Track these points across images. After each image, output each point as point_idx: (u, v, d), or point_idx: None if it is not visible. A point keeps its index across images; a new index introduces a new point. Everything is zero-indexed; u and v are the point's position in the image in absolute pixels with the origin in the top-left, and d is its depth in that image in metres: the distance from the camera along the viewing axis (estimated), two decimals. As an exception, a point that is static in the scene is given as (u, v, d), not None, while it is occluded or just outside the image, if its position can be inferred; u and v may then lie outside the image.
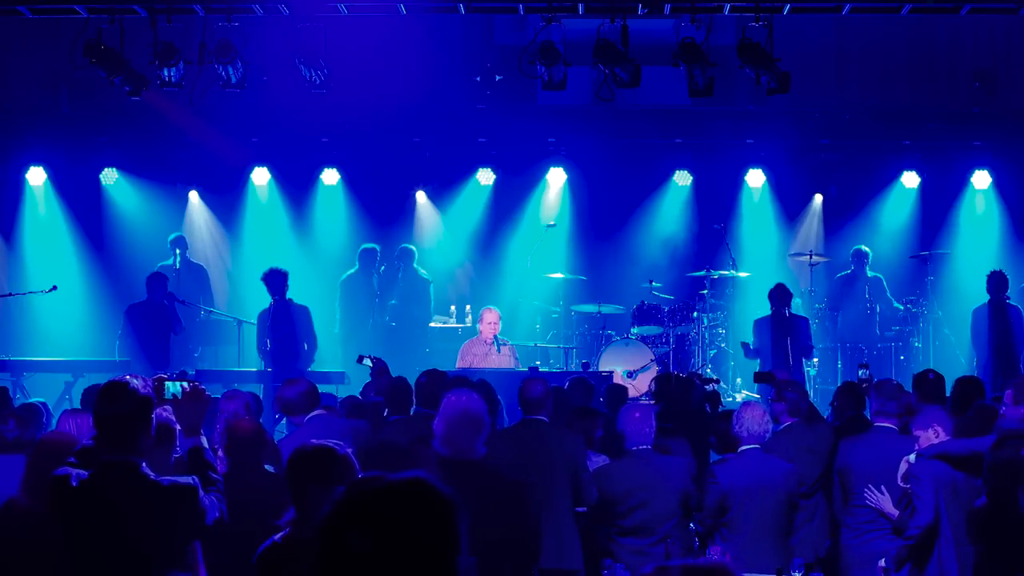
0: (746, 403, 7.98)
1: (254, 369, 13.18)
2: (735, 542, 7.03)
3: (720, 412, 8.86)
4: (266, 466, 6.48)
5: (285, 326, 12.46)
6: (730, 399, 12.95)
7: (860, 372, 9.80)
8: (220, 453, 6.37)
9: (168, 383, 5.10)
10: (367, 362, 10.14)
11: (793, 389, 8.41)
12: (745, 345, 13.16)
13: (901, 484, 7.24)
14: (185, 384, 5.13)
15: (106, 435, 4.77)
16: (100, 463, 4.75)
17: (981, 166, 15.26)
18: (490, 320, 13.06)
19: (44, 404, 9.03)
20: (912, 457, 7.19)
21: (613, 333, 13.85)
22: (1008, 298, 13.09)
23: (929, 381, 8.49)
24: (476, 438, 6.09)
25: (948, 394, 8.59)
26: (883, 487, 7.41)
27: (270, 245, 15.45)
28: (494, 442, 6.49)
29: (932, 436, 7.16)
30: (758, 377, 10.66)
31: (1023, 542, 6.48)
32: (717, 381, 10.74)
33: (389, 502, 2.49)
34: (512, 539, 6.03)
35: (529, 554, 6.24)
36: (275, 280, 12.45)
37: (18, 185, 15.44)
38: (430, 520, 2.49)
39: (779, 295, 12.83)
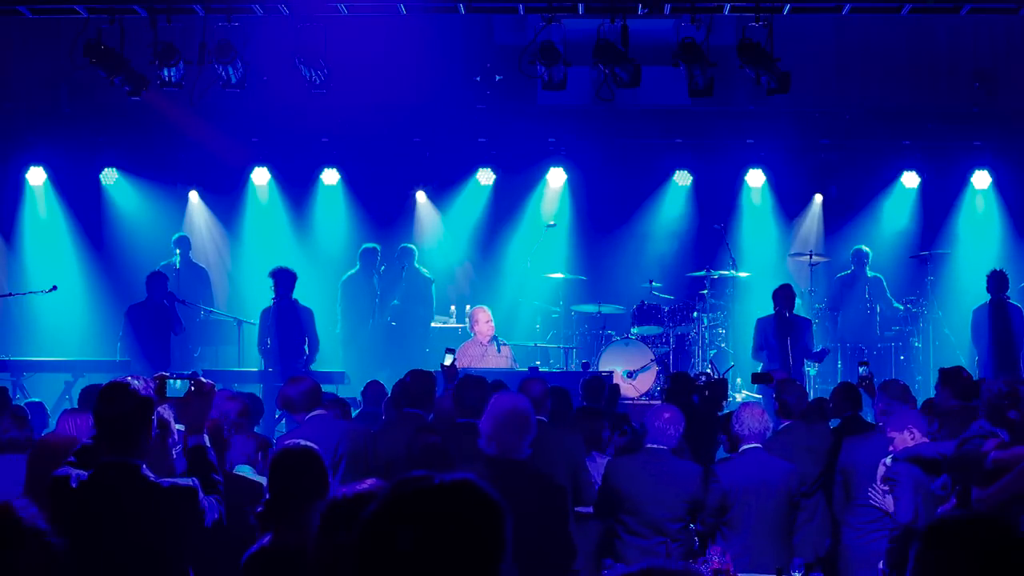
0: (746, 403, 7.99)
1: (254, 369, 13.17)
2: (736, 542, 7.03)
3: (724, 413, 8.87)
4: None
5: (289, 326, 12.45)
6: (730, 399, 12.94)
7: (860, 369, 9.78)
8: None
9: (170, 381, 5.09)
10: (448, 359, 10.10)
11: (789, 390, 8.41)
12: (755, 351, 13.02)
13: (880, 486, 7.26)
14: (184, 383, 5.11)
15: (106, 436, 4.76)
16: (100, 464, 4.73)
17: (981, 166, 15.26)
18: (487, 319, 13.04)
19: (39, 404, 9.02)
20: (888, 460, 7.20)
21: (613, 333, 13.84)
22: (1008, 297, 13.09)
23: (963, 379, 8.30)
24: (523, 438, 6.10)
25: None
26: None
27: (270, 245, 15.46)
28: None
29: (908, 438, 7.16)
30: (756, 378, 10.66)
31: None
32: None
33: (437, 502, 2.42)
34: (552, 539, 6.04)
35: (567, 555, 6.25)
36: (283, 279, 12.43)
37: (18, 185, 15.44)
38: (478, 523, 2.42)
39: (783, 296, 12.80)
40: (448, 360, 10.06)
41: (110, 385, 4.83)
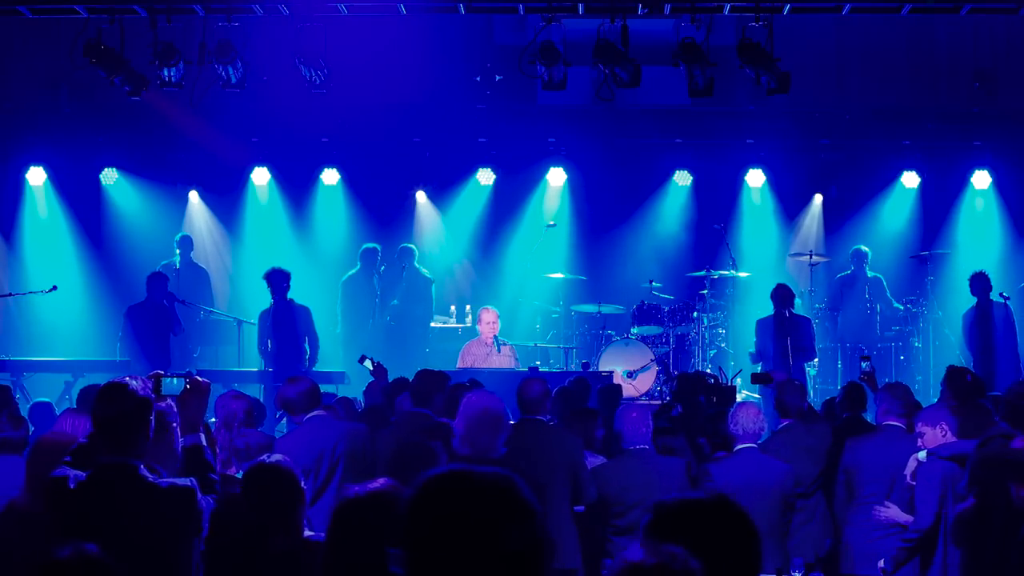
0: (742, 402, 7.98)
1: (254, 369, 13.18)
2: (733, 541, 7.01)
3: (711, 413, 8.86)
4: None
5: (286, 326, 12.46)
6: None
7: (863, 364, 9.76)
8: None
9: (165, 379, 5.09)
10: (368, 364, 10.14)
11: (789, 389, 8.39)
12: (752, 354, 13.08)
13: (911, 482, 7.19)
14: (180, 381, 5.10)
15: (105, 436, 4.75)
16: (98, 465, 4.72)
17: (981, 166, 15.26)
18: (489, 320, 13.06)
19: (48, 405, 9.01)
20: (923, 455, 7.10)
21: (613, 333, 13.84)
22: (1008, 297, 13.09)
23: (967, 382, 8.24)
24: (497, 437, 6.09)
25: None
26: (888, 498, 7.39)
27: (270, 245, 15.46)
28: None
29: (939, 434, 7.06)
30: (755, 378, 10.66)
31: (1013, 539, 6.38)
32: None
33: (477, 501, 2.35)
34: None
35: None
36: (277, 279, 12.44)
37: (18, 185, 15.45)
38: (519, 524, 2.35)
39: (779, 296, 12.81)
40: (368, 364, 10.14)
41: (108, 385, 4.82)
